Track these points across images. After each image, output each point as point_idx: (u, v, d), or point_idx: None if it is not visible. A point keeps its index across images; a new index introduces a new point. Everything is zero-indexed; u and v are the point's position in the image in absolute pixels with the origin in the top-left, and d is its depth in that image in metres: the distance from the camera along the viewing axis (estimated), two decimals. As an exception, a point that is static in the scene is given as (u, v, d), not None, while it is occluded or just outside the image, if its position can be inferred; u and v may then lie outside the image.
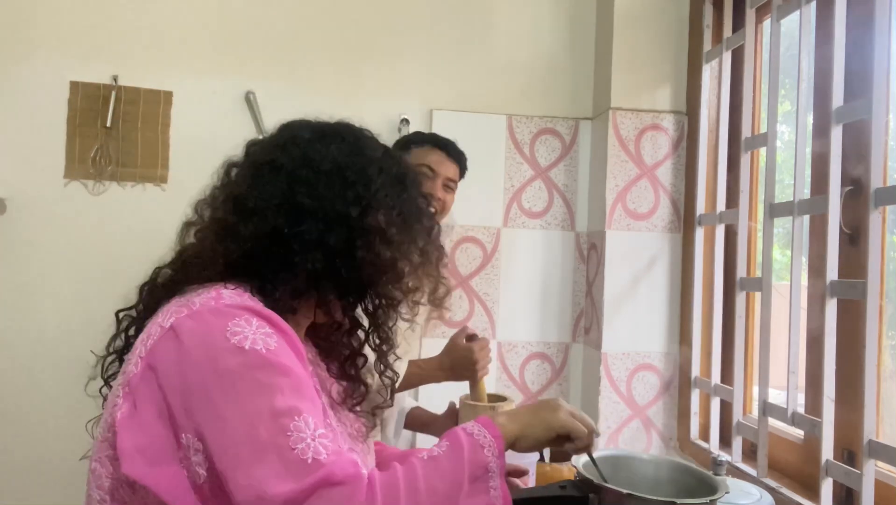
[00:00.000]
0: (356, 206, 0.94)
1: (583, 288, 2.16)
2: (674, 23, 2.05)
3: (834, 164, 1.39)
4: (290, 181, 0.94)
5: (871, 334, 1.27)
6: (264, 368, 0.82)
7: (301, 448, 0.78)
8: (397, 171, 1.01)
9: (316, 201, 0.93)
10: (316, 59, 2.08)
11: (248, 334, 0.83)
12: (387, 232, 0.95)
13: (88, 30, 1.99)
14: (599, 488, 1.06)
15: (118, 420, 0.81)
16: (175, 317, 0.85)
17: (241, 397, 0.80)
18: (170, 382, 0.81)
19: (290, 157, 0.96)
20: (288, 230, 0.91)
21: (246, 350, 0.82)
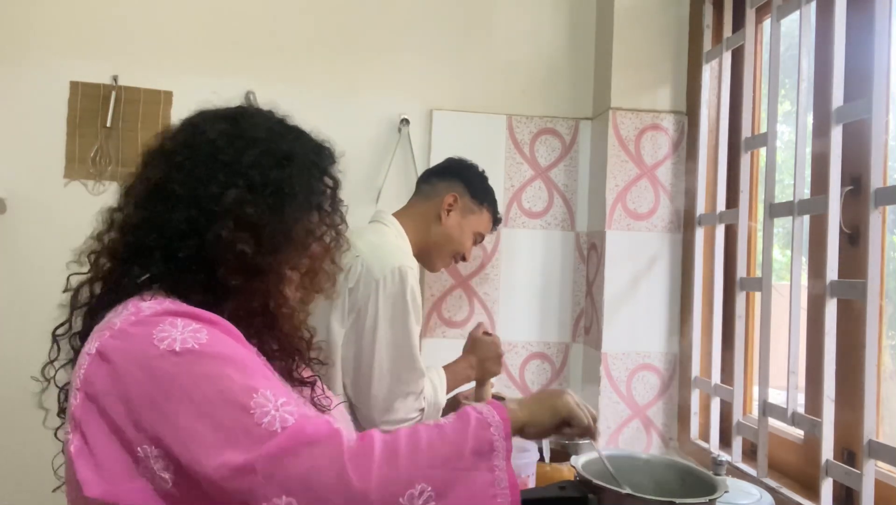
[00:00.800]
0: (217, 183, 0.91)
1: (583, 288, 2.16)
2: (674, 23, 2.04)
3: (834, 165, 1.39)
4: (168, 167, 0.93)
5: (871, 334, 1.27)
6: (203, 361, 0.81)
7: (267, 421, 0.78)
8: (286, 151, 0.97)
9: (185, 186, 0.91)
10: (316, 59, 2.08)
11: (175, 336, 0.82)
12: (241, 211, 0.90)
13: (88, 30, 1.99)
14: (599, 488, 1.06)
15: (72, 454, 0.81)
16: (98, 341, 0.84)
17: (189, 394, 0.79)
18: (110, 404, 0.80)
19: (174, 141, 0.96)
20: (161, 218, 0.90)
21: (178, 351, 0.81)
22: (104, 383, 0.81)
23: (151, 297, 0.88)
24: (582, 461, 1.13)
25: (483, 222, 1.81)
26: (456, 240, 1.76)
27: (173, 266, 0.90)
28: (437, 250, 1.77)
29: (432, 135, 2.10)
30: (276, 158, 0.95)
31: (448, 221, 1.75)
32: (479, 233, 1.81)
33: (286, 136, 0.99)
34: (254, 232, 0.91)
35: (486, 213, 1.81)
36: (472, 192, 1.78)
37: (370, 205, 2.02)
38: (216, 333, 0.85)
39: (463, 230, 1.77)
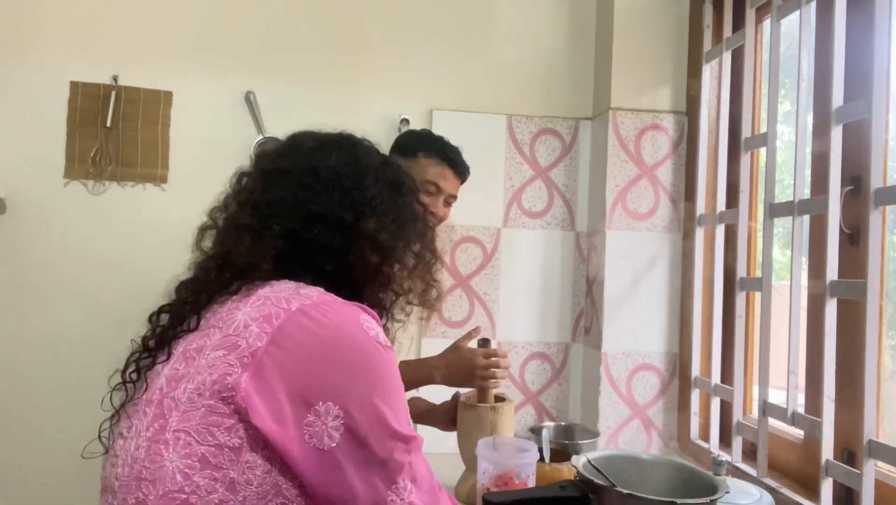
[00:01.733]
0: (351, 211, 1.02)
1: (583, 288, 2.16)
2: (674, 23, 2.05)
3: (834, 165, 1.39)
4: (298, 188, 1.02)
5: (871, 334, 1.27)
6: (390, 360, 0.94)
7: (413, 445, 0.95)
8: (393, 179, 1.09)
9: (321, 208, 1.01)
10: (316, 59, 2.08)
11: (377, 330, 0.94)
12: (377, 238, 1.03)
13: (88, 30, 1.99)
14: (599, 488, 1.06)
15: (243, 386, 0.86)
16: (298, 303, 0.92)
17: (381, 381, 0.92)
18: (308, 356, 0.88)
19: (294, 164, 1.05)
20: (304, 233, 1.01)
21: (383, 344, 0.93)
22: (305, 336, 0.89)
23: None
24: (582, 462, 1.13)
25: (425, 169, 1.70)
26: None
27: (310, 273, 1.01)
28: None
29: (432, 135, 2.10)
30: (390, 188, 1.08)
31: None
32: (426, 182, 1.69)
33: (390, 165, 1.12)
34: (387, 255, 1.05)
35: (424, 159, 1.71)
36: (402, 151, 1.73)
37: (370, 205, 2.02)
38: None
39: None
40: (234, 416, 0.86)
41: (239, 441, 0.86)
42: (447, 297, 2.10)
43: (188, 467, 0.85)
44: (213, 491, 0.84)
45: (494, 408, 1.64)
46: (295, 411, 0.86)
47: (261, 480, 0.86)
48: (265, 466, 0.86)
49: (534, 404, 2.14)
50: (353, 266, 1.03)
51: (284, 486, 0.87)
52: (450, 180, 1.73)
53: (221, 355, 0.89)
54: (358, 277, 1.04)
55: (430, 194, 1.70)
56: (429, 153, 1.73)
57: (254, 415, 0.85)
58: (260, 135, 2.02)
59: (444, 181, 1.72)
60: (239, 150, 2.01)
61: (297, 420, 0.86)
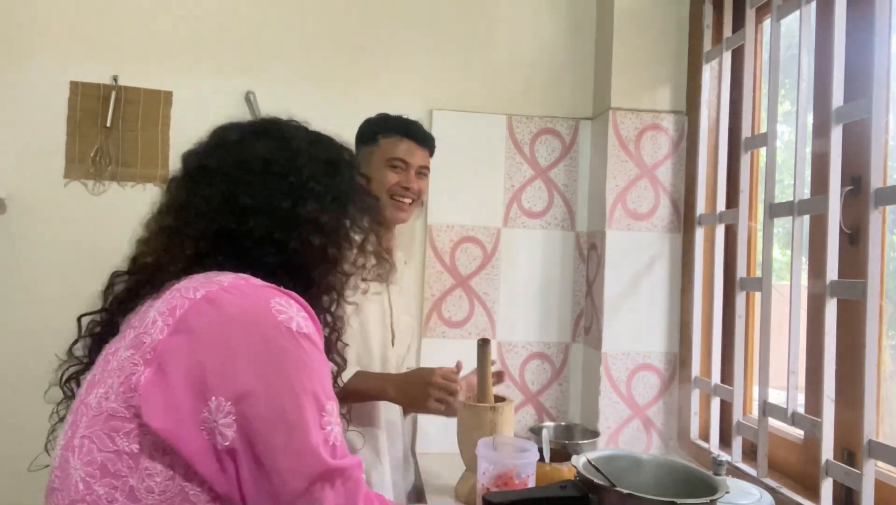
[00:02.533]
0: (287, 198, 0.98)
1: (583, 288, 2.16)
2: (674, 23, 2.05)
3: (834, 165, 1.39)
4: (228, 183, 0.98)
5: (871, 334, 1.27)
6: (309, 351, 0.86)
7: (328, 431, 0.85)
8: (328, 157, 1.05)
9: (256, 199, 0.97)
10: (316, 59, 2.08)
11: (292, 315, 0.86)
12: (319, 220, 0.99)
13: (88, 30, 1.99)
14: (599, 488, 1.06)
15: (143, 383, 0.81)
16: (205, 290, 0.86)
17: (290, 373, 0.83)
18: (207, 345, 0.83)
19: (220, 160, 1.00)
20: (237, 228, 0.96)
21: (293, 331, 0.85)
22: (206, 325, 0.83)
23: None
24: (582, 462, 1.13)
25: (386, 149, 1.72)
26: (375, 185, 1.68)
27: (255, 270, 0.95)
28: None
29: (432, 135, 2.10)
30: (325, 164, 1.03)
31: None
32: (390, 159, 1.72)
33: (321, 142, 1.07)
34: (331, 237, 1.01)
35: (383, 139, 1.73)
36: (363, 141, 1.76)
37: (370, 205, 2.02)
38: (315, 329, 0.90)
39: (373, 172, 1.70)
40: (134, 419, 0.81)
41: (137, 447, 0.81)
42: (447, 297, 2.10)
43: (89, 476, 0.81)
44: (114, 500, 0.80)
45: (494, 408, 1.64)
46: (192, 406, 0.81)
47: (163, 487, 0.80)
48: (166, 472, 0.80)
49: (534, 404, 2.14)
50: (297, 252, 0.98)
51: (192, 492, 0.81)
52: (414, 153, 1.74)
53: (129, 355, 0.85)
54: (304, 262, 0.99)
55: (399, 170, 1.72)
56: (387, 133, 1.74)
57: (147, 412, 0.80)
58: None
59: (409, 154, 1.73)
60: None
61: (194, 415, 0.81)
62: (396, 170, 1.73)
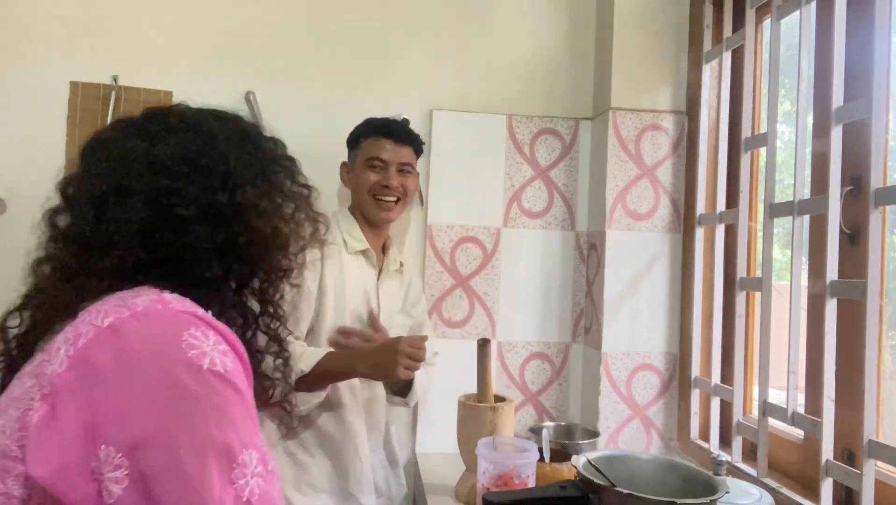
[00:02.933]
0: (224, 191, 0.89)
1: (583, 288, 2.16)
2: (674, 23, 2.05)
3: (834, 164, 1.39)
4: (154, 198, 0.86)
5: (871, 334, 1.27)
6: (221, 391, 0.76)
7: (241, 484, 0.74)
8: (240, 133, 0.95)
9: (192, 206, 0.87)
10: (316, 60, 2.08)
11: (206, 350, 0.76)
12: (259, 204, 0.91)
13: (88, 30, 1.99)
14: (599, 488, 1.06)
15: (34, 423, 0.73)
16: (114, 316, 0.76)
17: (195, 421, 0.73)
18: (103, 385, 0.73)
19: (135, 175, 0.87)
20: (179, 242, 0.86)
21: (203, 369, 0.75)
22: (105, 361, 0.74)
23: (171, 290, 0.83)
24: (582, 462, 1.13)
25: (366, 149, 1.78)
26: (357, 186, 1.80)
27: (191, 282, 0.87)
28: (358, 204, 1.81)
29: (432, 135, 2.10)
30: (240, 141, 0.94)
31: (349, 183, 1.84)
32: (369, 159, 1.77)
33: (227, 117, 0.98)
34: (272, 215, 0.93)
35: (363, 141, 1.79)
36: (350, 146, 1.84)
37: (370, 205, 2.02)
38: (238, 363, 0.80)
39: (357, 174, 1.80)
40: (22, 462, 0.72)
41: (26, 492, 0.72)
42: (447, 297, 2.10)
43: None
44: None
45: (494, 408, 1.64)
46: (82, 453, 0.71)
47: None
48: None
49: (534, 404, 2.14)
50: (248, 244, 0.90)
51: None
52: (391, 150, 1.78)
53: (30, 386, 0.76)
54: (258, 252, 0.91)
55: (378, 169, 1.77)
56: (367, 135, 1.80)
57: (31, 457, 0.71)
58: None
59: (385, 152, 1.78)
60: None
61: (83, 464, 0.71)
62: (375, 169, 1.78)
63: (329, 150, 1.92)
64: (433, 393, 2.02)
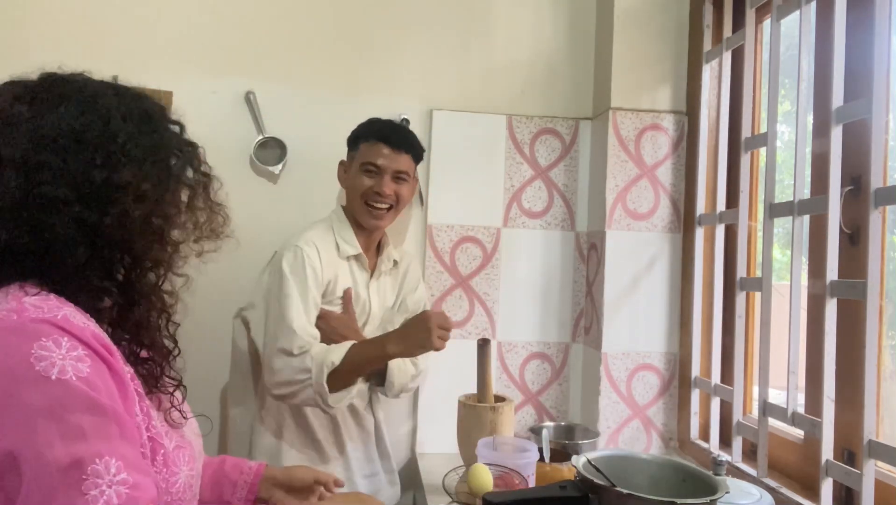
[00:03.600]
0: (103, 169, 0.83)
1: (583, 288, 2.16)
2: (674, 23, 2.05)
3: (834, 165, 1.39)
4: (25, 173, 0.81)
5: (871, 334, 1.27)
6: (70, 402, 0.74)
7: (94, 494, 0.72)
8: (140, 111, 0.90)
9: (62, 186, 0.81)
10: (316, 59, 2.08)
11: (55, 360, 0.74)
12: (139, 187, 0.85)
13: (88, 30, 1.99)
14: (599, 488, 1.06)
15: None
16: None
17: (38, 436, 0.72)
18: None
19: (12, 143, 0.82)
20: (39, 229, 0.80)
21: (52, 381, 0.73)
22: None
23: (36, 291, 0.80)
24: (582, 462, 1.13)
25: (363, 153, 1.76)
26: (351, 189, 1.78)
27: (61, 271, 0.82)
28: (350, 207, 1.80)
29: (432, 135, 2.10)
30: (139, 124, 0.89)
31: (344, 183, 1.82)
32: (364, 164, 1.74)
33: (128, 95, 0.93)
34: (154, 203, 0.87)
35: (363, 144, 1.77)
36: (349, 147, 1.82)
37: (370, 205, 2.02)
38: (98, 365, 0.78)
39: (352, 177, 1.77)
40: None
41: None
42: (447, 297, 2.10)
43: None
44: None
45: (494, 408, 1.64)
46: None
47: None
48: None
49: (534, 404, 2.14)
50: (113, 228, 0.83)
51: None
52: (388, 156, 1.74)
53: None
54: (124, 238, 0.85)
55: (372, 175, 1.74)
56: (366, 138, 1.77)
57: None
58: (260, 135, 2.02)
59: (382, 158, 1.74)
60: (239, 150, 2.01)
61: None
62: (370, 174, 1.74)
63: (329, 151, 1.92)
64: (433, 393, 2.02)
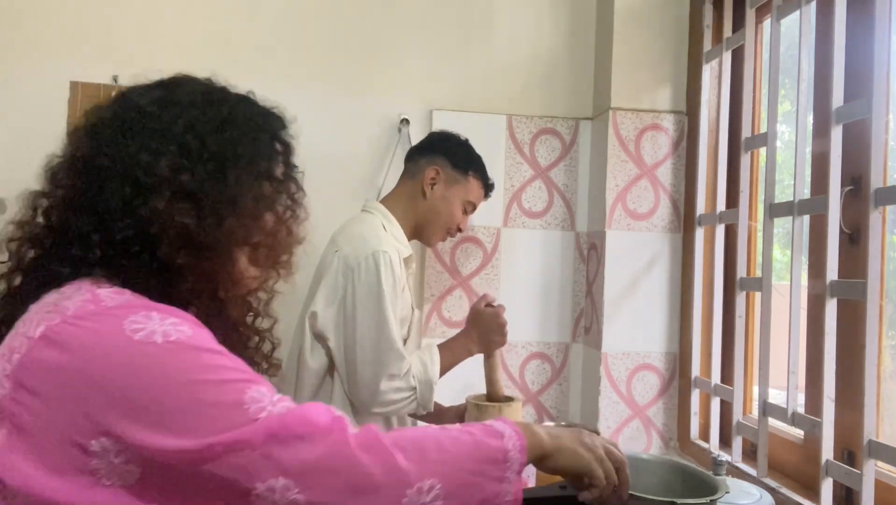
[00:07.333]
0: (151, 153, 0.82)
1: (583, 288, 2.16)
2: (674, 23, 2.04)
3: (834, 165, 1.39)
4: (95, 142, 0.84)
5: (871, 334, 1.27)
6: (189, 352, 0.73)
7: (265, 416, 0.72)
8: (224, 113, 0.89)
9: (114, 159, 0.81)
10: (316, 59, 2.08)
11: (153, 328, 0.73)
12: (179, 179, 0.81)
13: (88, 30, 1.99)
14: (599, 488, 1.05)
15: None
16: (45, 325, 0.73)
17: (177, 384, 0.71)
18: (59, 395, 0.70)
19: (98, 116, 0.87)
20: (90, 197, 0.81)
21: (160, 343, 0.72)
22: (49, 373, 0.71)
23: (108, 284, 0.79)
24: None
25: (471, 191, 1.78)
26: (443, 213, 1.76)
27: (111, 250, 0.80)
28: (428, 226, 1.77)
29: (432, 135, 2.10)
30: (213, 123, 0.86)
31: (432, 196, 1.75)
32: (468, 202, 1.79)
33: (226, 101, 0.91)
34: (194, 202, 0.82)
35: (473, 180, 1.78)
36: (453, 162, 1.77)
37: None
38: (202, 330, 0.77)
39: (449, 202, 1.76)
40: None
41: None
42: (447, 297, 2.10)
43: None
44: None
45: (500, 407, 1.64)
46: (75, 459, 0.70)
47: None
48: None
49: (534, 404, 2.14)
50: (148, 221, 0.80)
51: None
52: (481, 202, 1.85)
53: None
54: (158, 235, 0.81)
55: (466, 214, 1.81)
56: (477, 174, 1.80)
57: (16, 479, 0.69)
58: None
59: (480, 203, 1.84)
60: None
61: (82, 467, 0.70)
62: (465, 213, 1.81)
63: (329, 151, 1.92)
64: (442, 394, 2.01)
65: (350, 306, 1.59)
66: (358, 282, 1.58)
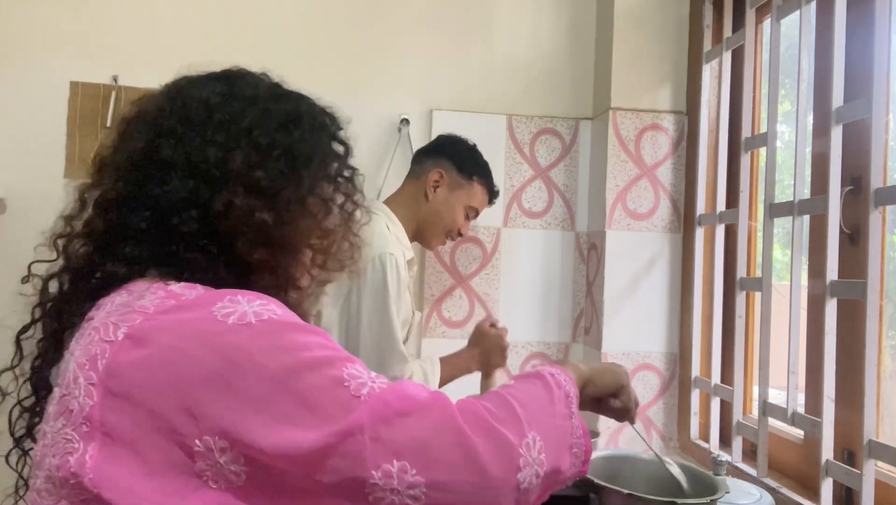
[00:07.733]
0: (221, 149, 0.80)
1: (583, 288, 2.16)
2: (674, 23, 2.04)
3: (834, 165, 1.39)
4: (154, 134, 0.81)
5: (871, 334, 1.27)
6: (285, 331, 0.70)
7: (366, 393, 0.69)
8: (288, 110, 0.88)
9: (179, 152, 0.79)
10: (316, 59, 2.08)
11: (244, 310, 0.70)
12: (251, 175, 0.79)
13: (88, 30, 1.99)
14: (599, 488, 1.06)
15: (90, 462, 0.66)
16: (126, 326, 0.70)
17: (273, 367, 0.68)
18: (152, 396, 0.67)
19: (156, 104, 0.85)
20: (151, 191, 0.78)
21: (253, 323, 0.69)
22: (141, 373, 0.68)
23: (175, 281, 0.76)
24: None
25: (474, 196, 1.77)
26: (445, 216, 1.76)
27: (174, 245, 0.77)
28: (429, 228, 1.77)
29: (432, 135, 2.09)
30: (280, 119, 0.85)
31: (435, 198, 1.75)
32: (471, 207, 1.78)
33: (288, 97, 0.90)
34: (266, 199, 0.79)
35: (477, 185, 1.77)
36: (458, 166, 1.76)
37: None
38: (286, 309, 0.74)
39: (452, 206, 1.75)
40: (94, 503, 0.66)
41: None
42: (447, 297, 2.10)
43: None
44: None
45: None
46: (180, 462, 0.67)
47: None
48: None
49: (534, 404, 2.14)
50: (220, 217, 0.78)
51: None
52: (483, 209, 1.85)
53: (60, 427, 0.69)
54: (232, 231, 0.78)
55: (468, 219, 1.81)
56: (482, 180, 1.79)
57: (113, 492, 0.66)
58: (260, 135, 2.02)
59: (483, 208, 1.84)
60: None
61: (187, 470, 0.67)
62: (468, 218, 1.81)
63: (329, 150, 1.91)
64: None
65: (355, 307, 1.59)
66: (363, 283, 1.58)
